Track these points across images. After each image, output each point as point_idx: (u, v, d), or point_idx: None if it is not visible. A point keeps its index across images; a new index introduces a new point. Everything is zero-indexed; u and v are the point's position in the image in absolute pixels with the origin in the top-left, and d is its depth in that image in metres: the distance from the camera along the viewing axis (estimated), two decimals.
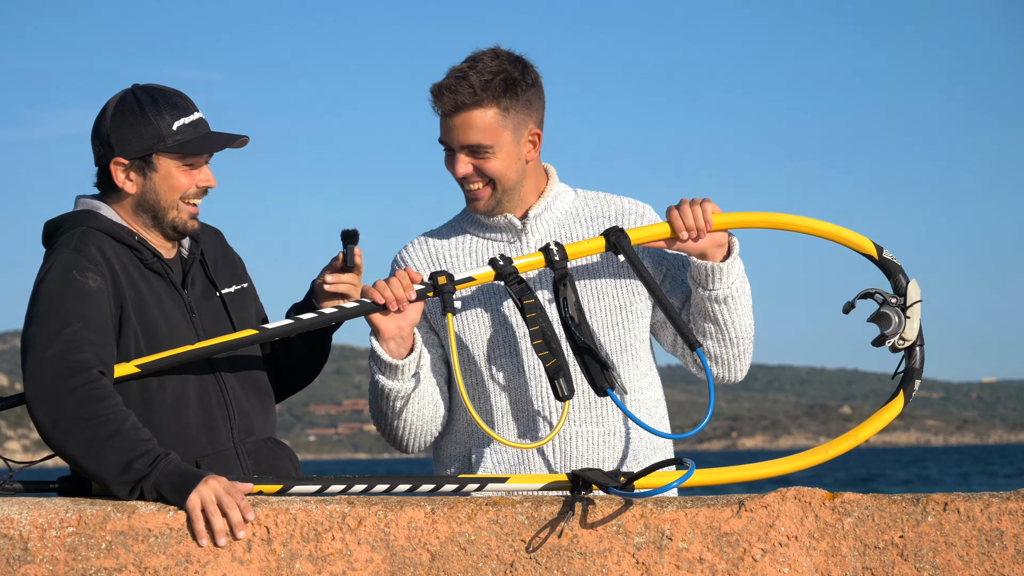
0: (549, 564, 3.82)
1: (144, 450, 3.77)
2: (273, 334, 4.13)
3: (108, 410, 3.79)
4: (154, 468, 3.75)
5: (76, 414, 3.78)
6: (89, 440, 3.78)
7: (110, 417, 3.78)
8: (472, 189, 4.29)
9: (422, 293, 4.18)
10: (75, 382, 3.80)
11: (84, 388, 3.80)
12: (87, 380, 3.81)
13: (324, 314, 4.15)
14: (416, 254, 4.42)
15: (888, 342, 4.26)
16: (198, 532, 3.72)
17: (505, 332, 4.34)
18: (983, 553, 3.89)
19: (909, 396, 4.31)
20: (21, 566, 3.70)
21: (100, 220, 4.06)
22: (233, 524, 3.72)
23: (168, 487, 3.75)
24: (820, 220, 4.34)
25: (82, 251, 3.97)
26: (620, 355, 4.33)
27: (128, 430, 3.78)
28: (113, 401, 3.81)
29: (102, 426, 3.78)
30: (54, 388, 3.80)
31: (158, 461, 3.76)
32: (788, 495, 3.89)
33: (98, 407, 3.79)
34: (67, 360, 3.82)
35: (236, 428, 4.08)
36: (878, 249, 4.32)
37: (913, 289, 4.28)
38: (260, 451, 4.12)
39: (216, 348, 4.05)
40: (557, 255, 4.23)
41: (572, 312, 4.21)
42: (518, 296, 4.20)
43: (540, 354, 4.16)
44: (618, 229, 4.27)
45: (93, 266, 3.95)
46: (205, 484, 3.73)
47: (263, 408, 4.19)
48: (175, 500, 3.74)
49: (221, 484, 3.75)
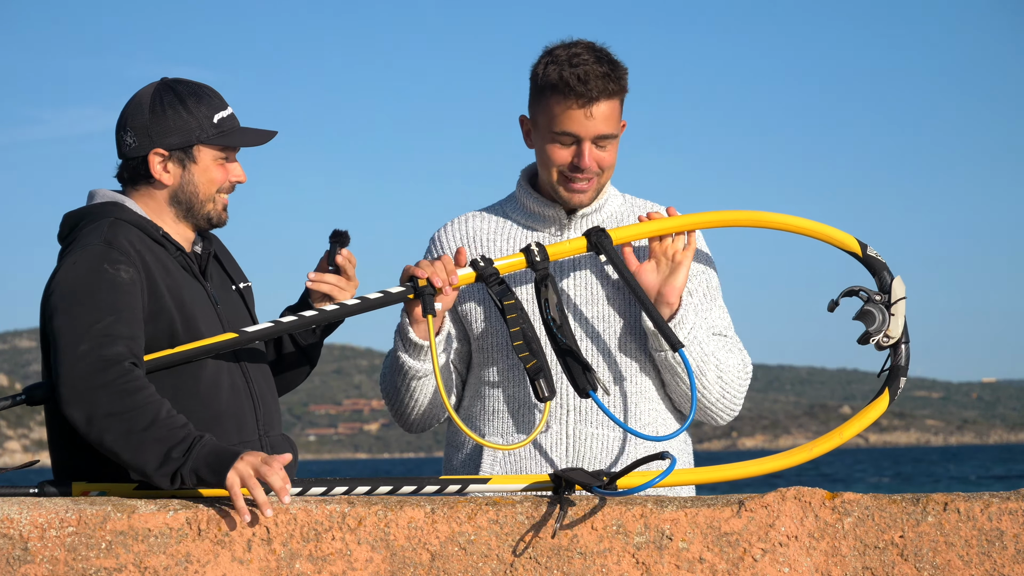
0: (549, 564, 3.82)
1: (181, 436, 3.74)
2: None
3: (143, 401, 3.77)
4: (190, 453, 3.73)
5: (111, 408, 3.76)
6: (127, 433, 3.75)
7: (145, 408, 3.76)
8: (585, 180, 4.30)
9: (402, 295, 4.18)
10: (108, 376, 3.78)
11: (118, 382, 3.77)
12: (120, 373, 3.78)
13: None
14: (452, 235, 4.44)
15: (872, 340, 4.24)
16: (239, 508, 3.69)
17: (503, 329, 4.34)
18: (983, 553, 3.89)
19: (895, 394, 4.28)
20: (21, 566, 3.70)
21: (126, 212, 4.05)
22: (277, 490, 3.68)
23: (206, 469, 3.72)
24: (803, 218, 4.33)
25: (113, 243, 3.94)
26: (606, 355, 4.33)
27: (164, 419, 3.76)
28: (147, 392, 3.79)
29: (138, 418, 3.75)
30: (87, 384, 3.78)
31: (194, 445, 3.74)
32: (788, 495, 3.89)
33: (133, 399, 3.76)
34: (100, 354, 3.80)
35: (261, 420, 4.10)
36: (862, 246, 4.29)
37: (898, 286, 4.26)
38: (278, 445, 4.13)
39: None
40: (538, 256, 4.23)
41: (554, 314, 4.21)
42: (498, 297, 4.20)
43: (520, 355, 4.15)
44: (599, 229, 4.28)
45: (125, 258, 3.93)
46: (241, 460, 3.71)
47: (276, 404, 4.22)
48: (214, 481, 3.71)
49: (258, 456, 3.72)
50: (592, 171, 4.28)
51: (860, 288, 4.26)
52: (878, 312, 4.24)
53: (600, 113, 4.25)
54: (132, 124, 4.07)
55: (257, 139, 4.14)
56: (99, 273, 3.88)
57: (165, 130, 4.05)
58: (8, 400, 3.98)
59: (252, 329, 4.08)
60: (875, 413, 4.27)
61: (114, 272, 3.90)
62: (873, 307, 4.24)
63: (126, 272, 3.91)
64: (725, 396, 4.36)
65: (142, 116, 4.06)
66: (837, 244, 4.31)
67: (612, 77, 4.25)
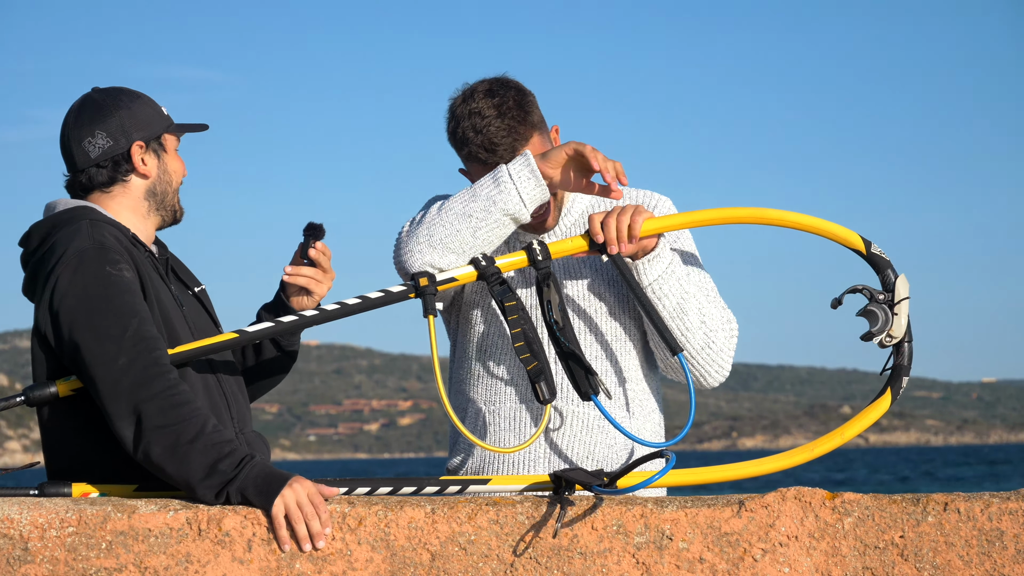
0: (549, 564, 3.82)
1: (228, 450, 3.74)
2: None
3: (189, 414, 3.75)
4: (240, 471, 3.72)
5: (159, 421, 3.73)
6: (173, 446, 3.73)
7: (192, 421, 3.74)
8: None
9: (402, 294, 4.16)
10: (155, 388, 3.75)
11: (165, 393, 3.75)
12: (166, 387, 3.76)
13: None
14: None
15: (875, 339, 4.22)
16: (281, 538, 3.72)
17: (503, 330, 4.34)
18: (983, 553, 3.89)
19: (896, 394, 4.26)
20: (21, 566, 3.70)
21: (98, 214, 4.01)
22: (313, 534, 3.71)
23: (254, 491, 3.72)
24: (806, 214, 4.30)
25: (104, 243, 3.90)
26: (607, 357, 4.32)
27: (210, 433, 3.74)
28: (193, 405, 3.77)
29: (185, 431, 3.73)
30: (134, 398, 3.74)
31: (244, 464, 3.73)
32: (788, 495, 3.89)
33: (180, 412, 3.74)
34: (143, 365, 3.76)
35: (235, 418, 4.08)
36: (866, 243, 4.25)
37: (902, 285, 4.23)
38: (253, 442, 4.12)
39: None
40: (540, 254, 4.19)
41: (556, 315, 4.18)
42: (499, 298, 4.17)
43: (521, 357, 4.13)
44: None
45: (120, 256, 3.91)
46: (290, 488, 3.71)
47: (246, 401, 4.20)
48: (260, 504, 3.72)
49: (306, 489, 3.72)
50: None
51: (864, 287, 4.24)
52: (881, 312, 4.21)
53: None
54: (100, 127, 4.03)
55: (200, 127, 4.19)
56: (105, 277, 3.85)
57: (138, 123, 4.05)
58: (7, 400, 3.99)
59: (253, 328, 4.07)
60: (877, 413, 4.26)
61: (117, 273, 3.87)
62: (876, 307, 4.22)
63: (127, 271, 3.89)
64: (710, 346, 4.30)
65: (109, 116, 4.04)
66: (841, 241, 4.27)
67: (517, 122, 4.24)
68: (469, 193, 4.17)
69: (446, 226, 4.15)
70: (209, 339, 4.00)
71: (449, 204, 4.18)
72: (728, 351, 4.33)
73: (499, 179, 4.15)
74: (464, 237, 4.15)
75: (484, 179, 4.18)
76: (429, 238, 4.16)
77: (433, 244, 4.15)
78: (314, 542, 3.72)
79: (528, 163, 4.14)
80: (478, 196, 4.15)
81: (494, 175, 4.16)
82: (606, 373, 4.32)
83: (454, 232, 4.14)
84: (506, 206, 4.14)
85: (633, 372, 4.35)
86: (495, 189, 4.14)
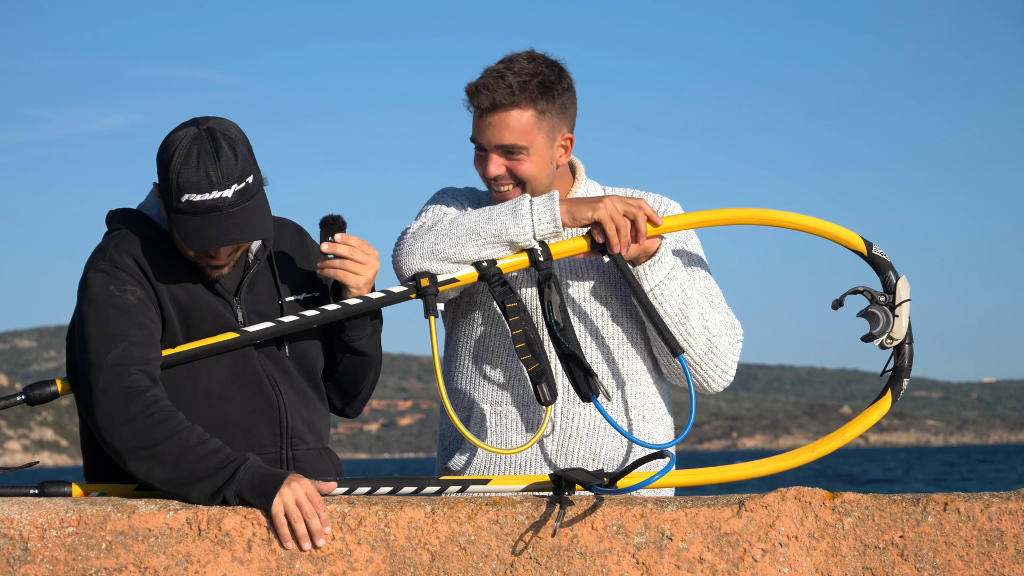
0: (549, 564, 3.82)
1: (216, 461, 3.77)
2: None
3: (170, 432, 3.79)
4: (234, 475, 3.75)
5: (139, 443, 3.79)
6: (157, 466, 3.79)
7: (173, 439, 3.78)
8: (501, 190, 4.26)
9: (403, 295, 4.15)
10: (132, 410, 3.80)
11: (142, 415, 3.80)
12: (143, 407, 3.80)
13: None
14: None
15: (876, 341, 4.22)
16: (282, 536, 3.74)
17: (504, 330, 4.33)
18: (983, 553, 3.89)
19: (897, 395, 4.26)
20: (21, 566, 3.70)
21: (139, 225, 4.03)
22: (313, 532, 3.74)
23: (251, 492, 3.75)
24: (808, 216, 4.29)
25: (117, 262, 3.96)
26: (611, 360, 4.31)
27: (195, 446, 3.78)
28: (173, 422, 3.80)
29: (168, 449, 3.78)
30: (112, 421, 3.81)
31: (237, 468, 3.77)
32: (788, 495, 3.89)
33: (160, 431, 3.79)
34: (117, 389, 3.82)
35: (287, 435, 4.09)
36: (867, 245, 4.26)
37: (903, 286, 4.22)
38: (312, 461, 4.11)
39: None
40: (541, 255, 4.18)
41: (557, 316, 4.17)
42: (500, 299, 4.16)
43: (523, 358, 4.12)
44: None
45: (130, 277, 3.95)
46: (288, 487, 3.74)
47: (314, 417, 4.19)
48: (259, 504, 3.75)
49: (303, 487, 3.75)
50: (505, 180, 4.25)
51: (865, 288, 4.23)
52: (882, 314, 4.21)
53: (500, 123, 4.21)
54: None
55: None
56: (107, 299, 3.92)
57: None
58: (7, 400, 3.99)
59: (253, 329, 4.06)
60: (878, 414, 4.26)
61: (121, 295, 3.93)
62: (876, 308, 4.21)
63: (132, 293, 3.94)
64: (713, 352, 4.29)
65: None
66: (842, 242, 4.26)
67: (522, 87, 4.20)
68: (485, 215, 4.15)
69: (453, 240, 4.15)
70: (208, 339, 4.01)
71: (462, 220, 4.16)
72: (732, 357, 4.32)
73: (519, 211, 4.14)
74: (467, 253, 4.15)
75: (503, 206, 4.16)
76: (433, 247, 4.15)
77: (436, 254, 4.15)
78: (314, 540, 3.73)
79: (552, 207, 4.13)
80: (493, 220, 4.14)
81: (515, 205, 4.15)
82: (610, 376, 4.30)
83: (459, 248, 4.14)
84: (516, 237, 4.15)
85: (640, 376, 4.34)
86: (511, 219, 4.14)
